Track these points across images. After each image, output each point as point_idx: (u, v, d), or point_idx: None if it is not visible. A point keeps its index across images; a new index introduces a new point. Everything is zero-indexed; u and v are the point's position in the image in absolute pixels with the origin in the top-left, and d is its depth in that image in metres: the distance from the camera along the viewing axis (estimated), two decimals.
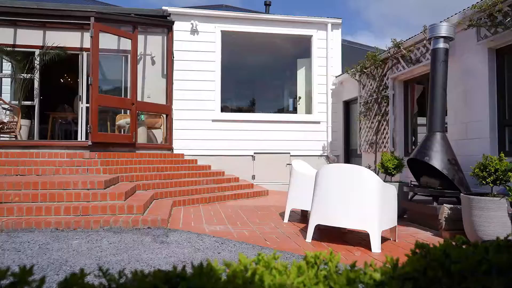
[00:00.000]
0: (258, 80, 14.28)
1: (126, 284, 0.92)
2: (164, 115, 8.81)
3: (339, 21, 9.80)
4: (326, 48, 9.74)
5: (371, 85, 8.24)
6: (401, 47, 6.99)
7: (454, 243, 1.02)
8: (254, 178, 9.24)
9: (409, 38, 6.79)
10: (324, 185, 4.01)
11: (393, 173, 6.01)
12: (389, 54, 7.41)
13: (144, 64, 9.12)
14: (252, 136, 9.32)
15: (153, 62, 9.26)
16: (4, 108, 8.37)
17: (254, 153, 9.31)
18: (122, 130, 8.87)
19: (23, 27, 8.98)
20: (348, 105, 9.82)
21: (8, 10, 7.52)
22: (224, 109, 9.98)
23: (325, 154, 9.61)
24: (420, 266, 1.04)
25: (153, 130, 9.14)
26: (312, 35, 9.78)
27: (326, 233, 4.53)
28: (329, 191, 3.97)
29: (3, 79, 9.72)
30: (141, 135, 8.20)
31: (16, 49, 9.16)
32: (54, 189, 5.09)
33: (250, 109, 13.50)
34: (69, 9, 7.79)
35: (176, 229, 4.53)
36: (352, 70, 8.62)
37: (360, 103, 8.64)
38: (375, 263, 1.00)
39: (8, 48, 9.02)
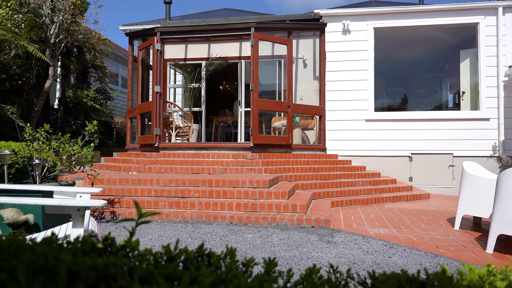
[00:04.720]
0: (410, 76, 13.44)
1: (362, 281, 0.98)
2: (317, 117, 8.96)
3: None
4: (497, 36, 8.62)
5: None
6: None
7: None
8: (412, 180, 8.72)
9: None
10: (509, 190, 3.57)
11: None
12: None
13: (297, 67, 9.43)
14: (408, 136, 8.81)
15: (305, 65, 9.50)
16: (180, 115, 9.61)
17: (411, 153, 8.79)
18: (277, 131, 9.33)
19: (191, 42, 10.16)
20: None
21: (181, 29, 8.59)
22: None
23: (497, 154, 8.52)
24: None
25: (305, 131, 9.37)
26: (478, 23, 8.78)
27: (508, 244, 4.03)
28: None
29: (176, 89, 11.19)
30: (296, 137, 8.49)
31: (187, 62, 10.43)
32: (225, 186, 5.63)
33: (402, 107, 12.76)
34: (231, 22, 8.51)
35: (340, 230, 4.57)
36: None
37: None
38: None
39: (181, 62, 10.33)
